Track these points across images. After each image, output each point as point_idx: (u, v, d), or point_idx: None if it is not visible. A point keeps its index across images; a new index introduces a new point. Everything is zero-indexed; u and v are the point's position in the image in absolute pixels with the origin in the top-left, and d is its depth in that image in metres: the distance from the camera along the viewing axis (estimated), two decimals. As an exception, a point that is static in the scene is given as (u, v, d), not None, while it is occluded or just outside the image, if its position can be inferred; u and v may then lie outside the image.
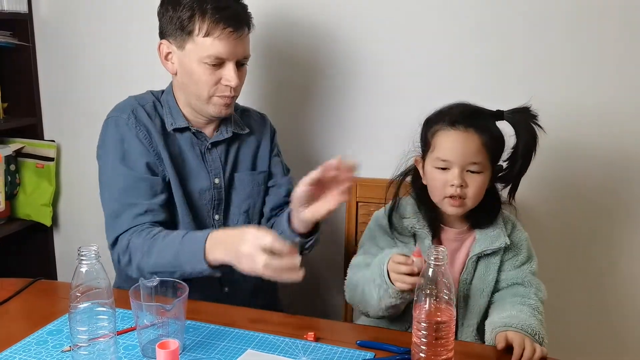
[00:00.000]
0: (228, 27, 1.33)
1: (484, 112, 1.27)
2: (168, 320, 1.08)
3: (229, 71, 1.36)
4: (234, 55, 1.36)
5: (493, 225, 1.30)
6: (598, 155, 1.63)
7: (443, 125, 1.24)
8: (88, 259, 0.95)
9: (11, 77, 2.10)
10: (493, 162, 1.26)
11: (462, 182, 1.22)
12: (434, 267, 0.97)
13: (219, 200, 1.47)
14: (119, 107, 1.45)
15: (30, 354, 1.09)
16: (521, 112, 1.25)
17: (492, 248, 1.28)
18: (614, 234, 1.68)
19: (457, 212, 1.27)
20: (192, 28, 1.33)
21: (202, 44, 1.34)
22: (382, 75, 1.75)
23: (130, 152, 1.39)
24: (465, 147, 1.22)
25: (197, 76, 1.36)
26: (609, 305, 1.73)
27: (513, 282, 1.30)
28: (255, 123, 1.57)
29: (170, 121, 1.44)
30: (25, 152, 2.15)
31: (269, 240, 1.12)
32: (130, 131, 1.40)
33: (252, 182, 1.52)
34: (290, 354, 1.10)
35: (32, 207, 2.15)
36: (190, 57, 1.36)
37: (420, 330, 0.99)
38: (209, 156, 1.47)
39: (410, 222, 1.31)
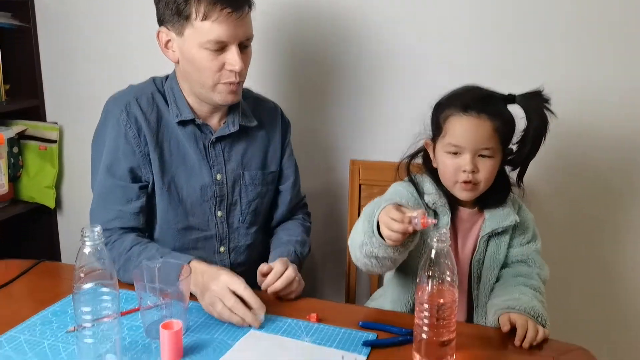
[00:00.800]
0: (226, 8, 1.25)
1: (496, 96, 1.25)
2: (171, 302, 1.08)
3: (232, 55, 1.29)
4: (235, 38, 1.29)
5: (502, 205, 1.30)
6: (607, 139, 1.62)
7: (455, 110, 1.23)
8: (91, 240, 0.95)
9: (13, 59, 2.09)
10: (504, 146, 1.25)
11: (474, 167, 1.22)
12: (437, 248, 0.98)
13: (221, 197, 1.42)
14: (115, 98, 1.41)
15: (35, 333, 1.09)
16: (533, 96, 1.24)
17: (503, 226, 1.28)
18: (620, 218, 1.68)
19: (469, 197, 1.26)
20: (189, 12, 1.26)
21: (201, 29, 1.27)
22: (388, 56, 1.74)
23: (115, 154, 1.36)
24: (478, 132, 1.21)
25: (199, 63, 1.30)
26: (614, 289, 1.73)
27: (518, 260, 1.31)
28: (267, 115, 1.50)
29: (175, 112, 1.38)
30: (28, 134, 2.15)
31: (241, 286, 1.15)
32: (120, 129, 1.35)
33: (263, 182, 1.47)
34: (293, 335, 1.11)
35: (36, 190, 2.15)
36: (190, 44, 1.30)
37: (423, 312, 0.99)
38: (212, 151, 1.41)
39: (432, 198, 1.28)
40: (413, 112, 1.41)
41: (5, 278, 1.32)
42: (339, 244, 1.88)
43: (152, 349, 1.05)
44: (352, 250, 1.20)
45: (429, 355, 1.00)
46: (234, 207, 1.45)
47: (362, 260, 1.16)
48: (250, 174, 1.45)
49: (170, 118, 1.38)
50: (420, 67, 1.71)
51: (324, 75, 1.81)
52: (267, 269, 1.25)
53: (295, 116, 1.82)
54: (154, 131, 1.37)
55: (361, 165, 1.69)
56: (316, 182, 1.86)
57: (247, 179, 1.45)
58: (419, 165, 1.36)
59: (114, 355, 1.00)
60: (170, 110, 1.39)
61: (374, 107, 1.78)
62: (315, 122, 1.86)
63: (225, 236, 1.45)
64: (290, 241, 1.45)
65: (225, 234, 1.45)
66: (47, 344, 1.06)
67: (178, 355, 1.02)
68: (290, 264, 1.28)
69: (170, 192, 1.38)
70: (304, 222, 1.59)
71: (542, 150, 1.28)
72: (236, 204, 1.45)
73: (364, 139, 1.82)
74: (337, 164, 1.85)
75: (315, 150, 1.87)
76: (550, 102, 1.24)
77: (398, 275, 1.34)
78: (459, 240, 1.30)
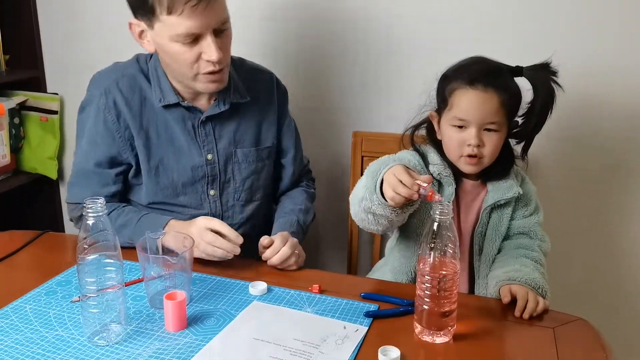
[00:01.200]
0: (190, 1, 1.15)
1: (503, 69, 1.24)
2: (175, 272, 1.09)
3: (207, 46, 1.21)
4: (207, 27, 1.20)
5: (505, 177, 1.30)
6: (613, 111, 1.61)
7: (462, 84, 1.21)
8: (94, 212, 0.95)
9: (12, 29, 2.07)
10: (510, 119, 1.24)
11: (480, 141, 1.21)
12: (439, 220, 0.98)
13: (213, 176, 1.39)
14: (97, 79, 1.38)
15: (41, 304, 1.11)
16: (541, 68, 1.23)
17: (505, 198, 1.28)
18: (624, 190, 1.67)
19: (474, 171, 1.26)
20: (152, 5, 1.18)
21: (169, 23, 1.19)
22: (392, 28, 1.71)
23: (94, 139, 1.35)
24: (484, 107, 1.19)
25: (174, 55, 1.24)
26: (615, 261, 1.74)
27: (520, 232, 1.31)
28: (262, 87, 1.44)
29: (159, 96, 1.33)
30: (29, 105, 2.14)
31: (217, 223, 1.22)
32: (99, 114, 1.33)
33: (257, 159, 1.43)
34: (296, 306, 1.12)
35: (38, 161, 2.16)
36: (161, 37, 1.22)
37: (424, 283, 1.00)
38: (201, 130, 1.36)
39: (438, 168, 1.28)
40: (415, 84, 1.41)
41: (10, 249, 1.32)
42: (341, 215, 1.88)
43: (156, 318, 1.07)
44: (351, 205, 1.20)
45: (430, 325, 1.01)
46: (227, 185, 1.42)
47: (359, 215, 1.17)
48: (243, 152, 1.41)
49: (154, 100, 1.34)
50: (424, 38, 1.69)
51: (327, 46, 1.79)
52: (267, 242, 1.26)
53: (298, 88, 1.81)
54: (137, 115, 1.33)
55: (364, 137, 1.68)
56: (319, 154, 1.86)
57: (239, 156, 1.41)
58: (423, 137, 1.36)
59: (118, 324, 1.01)
60: (154, 92, 1.34)
61: (376, 79, 1.77)
62: (318, 94, 1.84)
63: (219, 214, 1.42)
64: (293, 210, 1.45)
65: (219, 212, 1.42)
66: (53, 313, 1.07)
67: (182, 325, 1.03)
68: (291, 238, 1.28)
69: (158, 174, 1.36)
70: (307, 188, 1.58)
71: (547, 122, 1.27)
72: (229, 182, 1.42)
73: (367, 111, 1.80)
74: (340, 136, 1.85)
75: (318, 122, 1.86)
76: (558, 75, 1.22)
77: (400, 245, 1.35)
78: (461, 211, 1.31)
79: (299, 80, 1.82)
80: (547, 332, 1.05)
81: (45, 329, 1.03)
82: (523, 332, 1.06)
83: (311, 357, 0.96)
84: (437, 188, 1.27)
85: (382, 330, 1.04)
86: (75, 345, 0.98)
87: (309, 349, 0.98)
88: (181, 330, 1.03)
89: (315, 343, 0.99)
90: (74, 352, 0.96)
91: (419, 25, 1.69)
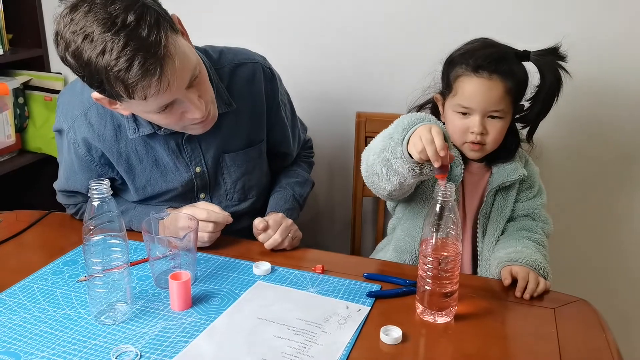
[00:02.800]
0: (149, 88, 1.00)
1: (509, 54, 1.21)
2: (179, 252, 1.10)
3: (186, 108, 1.11)
4: (178, 92, 1.06)
5: (510, 160, 1.29)
6: (619, 97, 1.60)
7: (466, 70, 1.20)
8: (99, 193, 0.96)
9: (15, 8, 2.05)
10: (515, 105, 1.23)
11: (483, 129, 1.21)
12: (442, 202, 0.98)
13: (203, 185, 1.34)
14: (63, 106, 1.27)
15: (48, 283, 1.12)
16: (548, 53, 1.21)
17: (510, 180, 1.28)
18: (628, 172, 1.67)
19: (477, 156, 1.27)
20: (112, 93, 1.03)
21: (135, 104, 1.06)
22: (396, 8, 1.70)
23: (71, 167, 1.32)
24: (489, 95, 1.18)
25: (157, 121, 1.15)
26: (618, 243, 1.74)
27: (524, 214, 1.32)
28: (247, 85, 1.32)
29: (132, 126, 1.23)
30: (33, 85, 2.14)
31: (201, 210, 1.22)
32: (70, 146, 1.27)
33: (246, 160, 1.36)
34: (299, 286, 1.13)
35: (43, 140, 2.16)
36: (135, 110, 1.13)
37: (426, 264, 1.01)
38: (187, 147, 1.28)
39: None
40: (419, 64, 1.40)
41: (17, 228, 1.34)
42: (345, 196, 1.89)
43: (161, 298, 1.08)
44: (365, 157, 1.19)
45: (431, 306, 1.02)
46: (217, 188, 1.37)
47: (374, 167, 1.14)
48: (230, 156, 1.34)
49: (129, 131, 1.24)
50: (428, 19, 1.68)
51: (330, 26, 1.78)
52: (262, 227, 1.25)
53: (301, 69, 1.80)
54: (113, 145, 1.25)
55: (367, 117, 1.68)
56: (322, 134, 1.86)
57: (227, 161, 1.34)
58: None
59: (124, 303, 1.03)
60: (127, 123, 1.23)
61: (380, 59, 1.76)
62: (321, 75, 1.83)
63: None
64: (289, 184, 1.44)
65: None
66: (60, 292, 1.09)
67: (187, 304, 1.05)
68: (285, 221, 1.27)
69: (146, 191, 1.32)
70: (305, 158, 1.57)
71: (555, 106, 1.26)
72: (220, 186, 1.37)
73: (370, 91, 1.80)
74: (344, 116, 1.84)
75: (322, 103, 1.86)
76: (567, 60, 1.21)
77: (404, 224, 1.35)
78: (466, 193, 1.31)
79: (303, 61, 1.81)
80: (547, 313, 1.06)
81: (52, 307, 1.04)
82: (524, 312, 1.07)
83: (314, 336, 0.97)
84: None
85: (385, 310, 1.06)
86: (82, 323, 1.00)
87: (312, 328, 0.99)
88: (186, 309, 1.04)
89: (318, 323, 1.01)
90: (81, 330, 0.98)
91: (424, 3, 1.67)
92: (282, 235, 1.26)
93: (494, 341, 0.99)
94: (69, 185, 1.36)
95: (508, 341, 1.00)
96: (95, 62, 0.98)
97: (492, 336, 1.00)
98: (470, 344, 0.97)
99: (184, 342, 0.95)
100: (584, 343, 0.99)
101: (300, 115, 1.57)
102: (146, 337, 0.96)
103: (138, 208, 1.34)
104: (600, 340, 0.99)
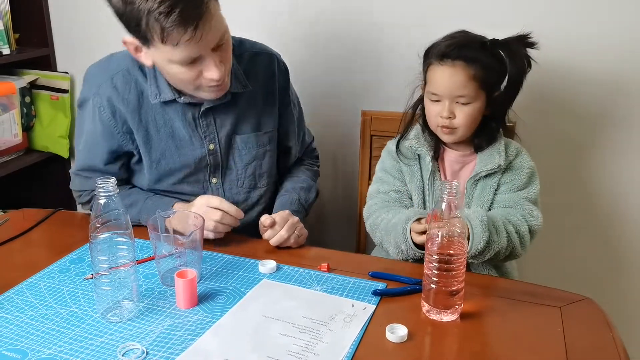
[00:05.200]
0: (184, 35, 1.09)
1: (472, 42, 1.25)
2: (185, 251, 1.11)
3: (207, 66, 1.18)
4: (205, 49, 1.15)
5: (492, 147, 1.30)
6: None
7: (434, 59, 1.25)
8: (106, 192, 0.96)
9: (22, 8, 2.07)
10: (488, 89, 1.25)
11: (450, 113, 1.25)
12: (447, 200, 0.98)
13: (215, 165, 1.38)
14: (91, 74, 1.35)
15: (55, 281, 1.13)
16: (513, 42, 1.24)
17: (485, 170, 1.28)
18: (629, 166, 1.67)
19: (451, 140, 1.30)
20: (146, 35, 1.12)
21: (165, 50, 1.13)
22: (400, 5, 1.70)
23: (94, 137, 1.34)
24: (452, 81, 1.23)
25: (174, 75, 1.20)
26: (621, 239, 1.74)
27: (505, 205, 1.28)
28: (262, 72, 1.40)
29: (154, 92, 1.29)
30: (39, 84, 2.15)
31: (216, 201, 1.25)
32: (95, 112, 1.32)
33: (257, 144, 1.41)
34: (304, 284, 1.13)
35: (49, 139, 2.17)
36: (159, 57, 1.18)
37: (432, 263, 1.01)
38: (202, 121, 1.33)
39: (410, 143, 1.34)
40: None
41: (24, 227, 1.35)
42: (350, 194, 1.89)
43: (167, 295, 1.09)
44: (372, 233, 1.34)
45: (437, 304, 1.02)
46: (229, 172, 1.41)
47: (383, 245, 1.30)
48: (241, 138, 1.39)
49: (150, 95, 1.31)
50: (431, 17, 1.68)
51: (335, 24, 1.78)
52: (269, 222, 1.26)
53: (306, 67, 1.80)
54: (135, 110, 1.31)
55: (372, 116, 1.68)
56: (327, 133, 1.86)
57: (239, 143, 1.39)
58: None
59: (131, 301, 1.03)
60: (149, 88, 1.30)
61: (385, 57, 1.76)
62: (326, 73, 1.84)
63: None
64: (294, 188, 1.46)
65: None
66: (66, 290, 1.10)
67: (193, 302, 1.05)
68: (291, 217, 1.28)
69: (160, 166, 1.36)
70: (310, 166, 1.58)
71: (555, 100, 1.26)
72: (231, 170, 1.41)
73: (376, 90, 1.80)
74: (349, 115, 1.84)
75: (327, 101, 1.86)
76: (537, 47, 1.24)
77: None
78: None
79: (307, 60, 1.81)
80: (553, 311, 1.06)
81: (59, 305, 1.05)
82: (530, 311, 1.07)
83: (320, 334, 0.97)
84: (417, 163, 1.34)
85: (390, 309, 1.06)
86: (88, 321, 1.00)
87: (317, 326, 0.99)
88: (192, 307, 1.05)
89: (324, 321, 1.01)
90: (87, 328, 0.98)
91: (427, 2, 1.67)
92: (288, 232, 1.26)
93: (500, 340, 0.99)
94: (89, 159, 1.38)
95: (514, 340, 0.99)
96: (139, 3, 1.07)
97: (498, 335, 1.00)
98: (475, 343, 0.97)
99: (190, 340, 0.95)
100: (590, 342, 0.98)
101: (306, 112, 1.58)
102: (152, 335, 0.97)
103: (148, 201, 1.34)
104: (607, 339, 0.99)
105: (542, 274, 1.67)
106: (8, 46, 1.99)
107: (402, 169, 1.36)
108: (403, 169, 1.35)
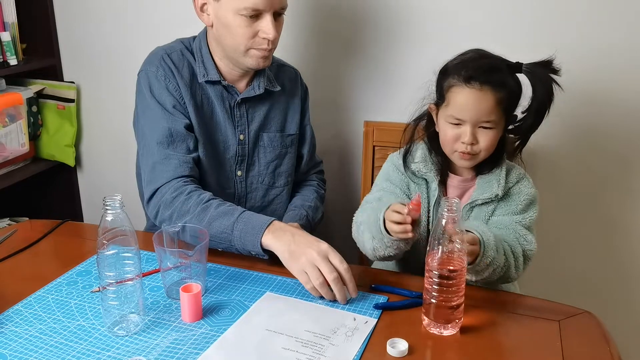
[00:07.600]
0: None
1: (501, 65, 1.21)
2: (190, 264, 1.13)
3: (266, 23, 1.33)
4: (271, 6, 1.32)
5: (492, 173, 1.28)
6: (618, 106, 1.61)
7: (458, 81, 1.20)
8: (113, 209, 0.98)
9: (29, 18, 2.09)
10: (507, 115, 1.23)
11: (474, 139, 1.21)
12: (447, 217, 1.00)
13: (242, 157, 1.49)
14: (147, 60, 1.45)
15: (62, 294, 1.15)
16: (540, 66, 1.20)
17: (481, 198, 1.26)
18: (628, 181, 1.68)
19: (468, 165, 1.27)
20: None
21: (231, 1, 1.31)
22: (404, 16, 1.72)
23: (164, 105, 1.39)
24: (479, 106, 1.18)
25: (233, 29, 1.34)
26: (620, 252, 1.75)
27: (498, 226, 1.25)
28: (288, 81, 1.56)
29: (202, 72, 1.43)
30: (46, 94, 2.18)
31: (338, 260, 1.16)
32: (160, 83, 1.40)
33: (281, 144, 1.53)
34: (307, 297, 1.15)
35: (56, 148, 2.20)
36: (226, 9, 1.33)
37: (432, 278, 1.02)
38: (237, 111, 1.46)
39: (417, 166, 1.30)
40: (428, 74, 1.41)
41: (31, 238, 1.37)
42: (352, 205, 1.90)
43: (173, 309, 1.11)
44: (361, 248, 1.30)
45: (437, 318, 1.03)
46: (252, 167, 1.51)
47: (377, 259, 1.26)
48: (268, 136, 1.51)
49: (199, 75, 1.43)
50: (435, 28, 1.69)
51: (339, 35, 1.80)
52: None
53: (310, 77, 1.82)
54: (188, 85, 1.42)
55: (375, 126, 1.70)
56: (330, 143, 1.88)
57: (265, 140, 1.51)
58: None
59: (137, 314, 1.05)
60: (198, 69, 1.43)
61: (388, 68, 1.78)
62: (329, 84, 1.85)
63: (243, 195, 1.51)
64: (303, 205, 1.53)
65: (243, 193, 1.51)
66: (74, 303, 1.12)
67: (197, 316, 1.07)
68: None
69: (204, 144, 1.43)
70: (318, 189, 1.63)
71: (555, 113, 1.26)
72: (255, 165, 1.51)
73: (378, 101, 1.82)
74: (351, 126, 1.86)
75: (330, 112, 1.88)
76: (560, 73, 1.20)
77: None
78: None
79: (311, 70, 1.83)
80: (552, 325, 1.07)
81: (67, 318, 1.07)
82: (529, 324, 1.08)
83: (322, 348, 0.99)
84: (425, 186, 1.31)
85: (391, 322, 1.07)
86: (96, 335, 1.02)
87: (320, 340, 1.01)
88: (197, 321, 1.07)
89: (326, 335, 1.03)
90: (95, 342, 1.00)
91: (431, 15, 1.69)
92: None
93: (500, 354, 1.00)
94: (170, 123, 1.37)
95: (513, 353, 1.01)
96: None
97: (498, 349, 1.02)
98: (475, 357, 0.99)
99: (195, 354, 0.97)
100: (588, 355, 1.00)
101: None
102: (158, 349, 0.99)
103: (244, 215, 1.26)
104: (605, 353, 1.00)
105: (542, 286, 1.68)
106: (15, 57, 2.01)
107: (410, 185, 1.33)
108: (411, 186, 1.32)
